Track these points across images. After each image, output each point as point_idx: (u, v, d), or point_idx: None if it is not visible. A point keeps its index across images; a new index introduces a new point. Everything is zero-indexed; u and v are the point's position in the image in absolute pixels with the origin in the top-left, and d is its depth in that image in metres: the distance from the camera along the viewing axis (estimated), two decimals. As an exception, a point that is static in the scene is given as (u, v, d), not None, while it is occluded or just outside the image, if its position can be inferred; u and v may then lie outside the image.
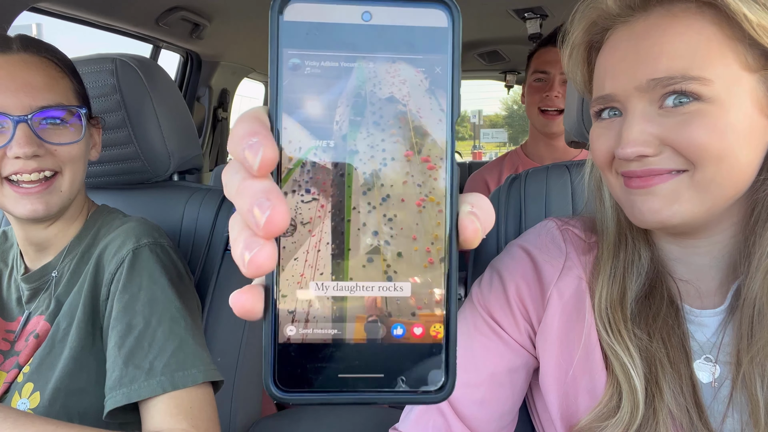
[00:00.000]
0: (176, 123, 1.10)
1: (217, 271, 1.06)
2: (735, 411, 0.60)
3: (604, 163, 0.63)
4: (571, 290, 0.69)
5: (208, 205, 1.09)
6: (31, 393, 0.80)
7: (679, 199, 0.57)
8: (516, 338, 0.71)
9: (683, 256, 0.66)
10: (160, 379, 0.76)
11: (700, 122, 0.55)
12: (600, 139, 0.63)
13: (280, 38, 0.24)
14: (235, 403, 1.04)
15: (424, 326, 0.24)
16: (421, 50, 0.24)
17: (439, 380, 0.25)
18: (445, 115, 0.24)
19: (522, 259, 0.73)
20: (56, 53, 0.87)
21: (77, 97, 0.88)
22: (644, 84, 0.57)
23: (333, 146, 0.25)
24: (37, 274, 0.90)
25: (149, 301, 0.81)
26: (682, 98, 0.55)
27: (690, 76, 0.55)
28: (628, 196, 0.61)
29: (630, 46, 0.59)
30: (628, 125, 0.58)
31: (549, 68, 1.61)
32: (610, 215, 0.69)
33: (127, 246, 0.85)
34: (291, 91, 0.24)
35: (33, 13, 1.40)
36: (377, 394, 0.25)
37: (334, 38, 0.24)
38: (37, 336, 0.85)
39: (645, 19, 0.59)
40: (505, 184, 1.00)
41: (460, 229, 0.25)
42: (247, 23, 2.01)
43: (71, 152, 0.85)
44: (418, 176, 0.24)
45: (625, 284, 0.66)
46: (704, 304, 0.65)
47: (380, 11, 0.24)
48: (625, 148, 0.57)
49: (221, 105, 2.54)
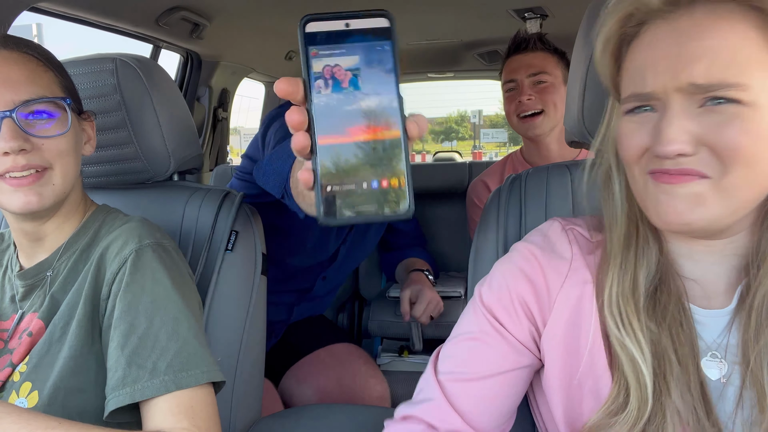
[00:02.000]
0: (176, 123, 1.10)
1: (217, 271, 1.06)
2: (743, 408, 0.60)
3: (633, 158, 0.62)
4: (577, 293, 0.69)
5: (208, 205, 1.09)
6: (29, 392, 0.80)
7: (704, 203, 0.57)
8: (520, 338, 0.71)
9: (694, 254, 0.66)
10: (163, 379, 0.76)
11: (738, 124, 0.55)
12: (633, 134, 0.62)
13: (306, 40, 0.45)
14: (235, 403, 1.04)
15: (396, 178, 0.44)
16: (378, 39, 0.45)
17: (406, 207, 0.44)
18: (393, 72, 0.45)
19: (528, 260, 0.73)
20: (37, 49, 0.87)
21: (63, 90, 0.88)
22: (685, 86, 0.56)
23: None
24: (33, 271, 0.90)
25: (152, 301, 0.81)
26: (721, 99, 0.56)
27: (728, 83, 0.55)
28: (654, 193, 0.60)
29: (672, 45, 0.58)
30: (669, 122, 0.57)
31: (515, 75, 1.66)
32: (620, 207, 0.69)
33: (130, 246, 0.85)
34: (314, 68, 0.45)
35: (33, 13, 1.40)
36: (376, 216, 0.44)
37: (332, 36, 0.45)
38: (30, 334, 0.85)
39: (689, 17, 0.58)
40: (505, 184, 1.00)
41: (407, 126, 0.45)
42: (247, 23, 2.01)
43: (59, 146, 0.84)
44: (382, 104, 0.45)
45: (637, 276, 0.65)
46: (710, 304, 0.65)
47: (354, 22, 0.45)
48: (667, 146, 0.56)
49: (221, 105, 2.54)
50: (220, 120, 2.56)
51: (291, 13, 1.90)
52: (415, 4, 1.85)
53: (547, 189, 0.95)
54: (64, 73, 0.90)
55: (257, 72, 2.69)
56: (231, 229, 1.07)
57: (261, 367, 1.14)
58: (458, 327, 0.75)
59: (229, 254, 1.07)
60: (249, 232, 1.10)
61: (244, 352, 1.05)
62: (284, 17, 1.95)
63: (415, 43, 2.40)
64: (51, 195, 0.84)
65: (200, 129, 2.45)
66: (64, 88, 0.88)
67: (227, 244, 1.07)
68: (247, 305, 1.07)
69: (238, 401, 1.04)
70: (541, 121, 1.62)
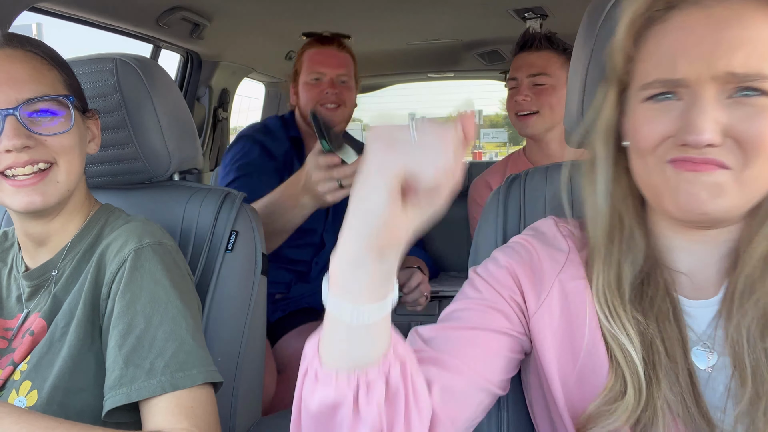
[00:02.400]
0: (176, 123, 1.10)
1: (217, 271, 1.06)
2: (732, 398, 0.60)
3: (651, 147, 0.61)
4: (573, 284, 0.69)
5: (208, 205, 1.09)
6: (28, 391, 0.80)
7: (724, 193, 0.57)
8: (506, 297, 0.70)
9: (686, 245, 0.66)
10: (160, 380, 0.76)
11: (767, 117, 0.55)
12: (655, 122, 0.61)
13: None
14: (235, 403, 1.04)
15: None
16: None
17: None
18: None
19: (526, 248, 0.73)
20: (41, 46, 0.87)
21: (67, 88, 0.88)
22: (721, 75, 0.56)
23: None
24: (38, 271, 0.90)
25: (150, 301, 0.81)
26: (751, 91, 0.56)
27: (766, 74, 0.55)
28: (674, 181, 0.59)
29: (708, 32, 0.57)
30: (701, 111, 0.57)
31: (517, 74, 1.69)
32: (604, 199, 0.69)
33: (130, 246, 0.85)
34: None
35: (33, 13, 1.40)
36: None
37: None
38: (32, 333, 0.85)
39: (726, 6, 0.57)
40: (505, 183, 1.00)
41: None
42: (247, 23, 2.01)
43: (62, 142, 0.84)
44: None
45: (621, 269, 0.66)
46: (700, 295, 0.65)
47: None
48: (699, 135, 0.56)
49: (221, 105, 2.54)
50: (220, 120, 2.56)
51: (291, 13, 1.90)
52: (416, 4, 1.85)
53: (547, 189, 0.95)
54: (68, 71, 0.90)
55: (257, 72, 2.69)
56: (231, 229, 1.07)
57: (261, 367, 1.14)
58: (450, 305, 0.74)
59: (229, 254, 1.07)
60: (249, 232, 1.10)
61: (244, 352, 1.05)
62: (284, 17, 1.95)
63: (415, 43, 2.40)
64: (55, 193, 0.84)
65: (200, 129, 2.45)
66: (68, 86, 0.88)
67: (227, 244, 1.07)
68: (247, 305, 1.07)
69: (238, 401, 1.04)
70: (534, 122, 1.65)
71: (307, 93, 1.75)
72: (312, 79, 1.74)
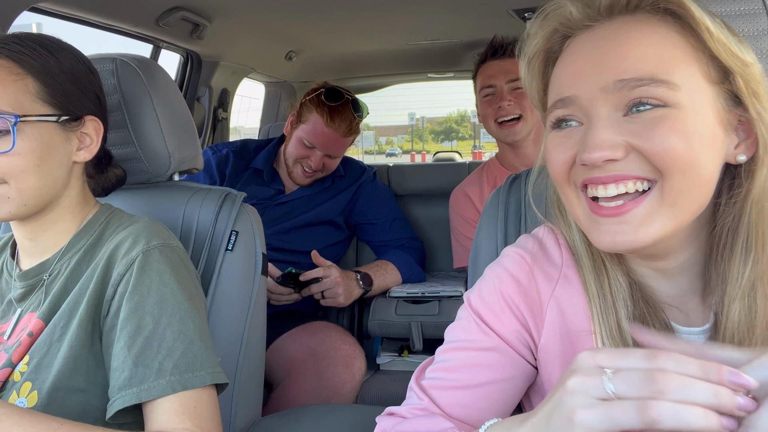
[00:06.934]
0: (176, 123, 1.10)
1: (217, 271, 1.06)
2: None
3: (562, 176, 0.61)
4: (569, 299, 0.68)
5: (208, 205, 1.09)
6: (29, 392, 0.80)
7: (652, 222, 0.56)
8: (507, 339, 0.70)
9: (661, 277, 0.65)
10: (169, 380, 0.76)
11: (668, 126, 0.54)
12: (558, 149, 0.61)
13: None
14: (235, 402, 1.04)
15: None
16: None
17: None
18: None
19: (518, 263, 0.72)
20: (17, 48, 0.81)
21: (43, 97, 0.82)
22: (611, 85, 0.56)
23: None
24: (34, 271, 0.90)
25: (159, 302, 0.81)
26: (646, 105, 0.55)
27: (658, 78, 0.54)
28: (594, 223, 0.59)
29: (595, 48, 0.59)
30: (594, 129, 0.56)
31: (494, 81, 1.69)
32: (580, 241, 0.68)
33: (137, 247, 0.85)
34: None
35: (33, 13, 1.40)
36: None
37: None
38: (31, 334, 0.85)
39: (609, 25, 0.59)
40: (505, 184, 1.00)
41: None
42: (247, 23, 2.01)
43: (9, 163, 0.78)
44: None
45: (619, 317, 0.64)
46: (690, 321, 0.65)
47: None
48: (592, 152, 0.55)
49: (221, 105, 2.54)
50: (220, 120, 2.56)
51: (291, 13, 1.90)
52: (416, 4, 1.85)
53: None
54: (51, 79, 0.83)
55: (257, 72, 2.69)
56: (231, 229, 1.08)
57: (261, 367, 1.14)
58: (448, 333, 0.75)
59: (229, 254, 1.07)
60: (249, 232, 1.10)
61: (244, 352, 1.05)
62: (284, 17, 1.95)
63: (415, 43, 2.40)
64: (11, 208, 0.81)
65: (200, 129, 2.45)
66: (44, 96, 0.82)
67: (227, 244, 1.07)
68: (247, 305, 1.07)
69: (238, 401, 1.04)
70: (520, 128, 1.67)
71: (296, 150, 1.83)
72: (308, 142, 1.80)
